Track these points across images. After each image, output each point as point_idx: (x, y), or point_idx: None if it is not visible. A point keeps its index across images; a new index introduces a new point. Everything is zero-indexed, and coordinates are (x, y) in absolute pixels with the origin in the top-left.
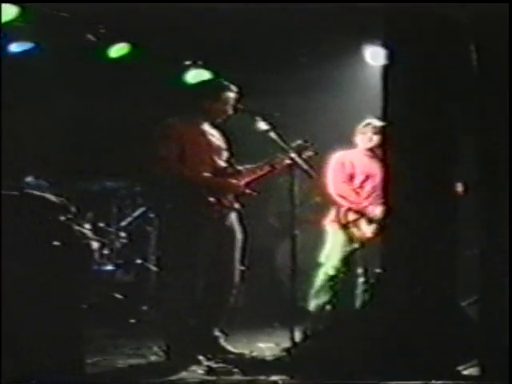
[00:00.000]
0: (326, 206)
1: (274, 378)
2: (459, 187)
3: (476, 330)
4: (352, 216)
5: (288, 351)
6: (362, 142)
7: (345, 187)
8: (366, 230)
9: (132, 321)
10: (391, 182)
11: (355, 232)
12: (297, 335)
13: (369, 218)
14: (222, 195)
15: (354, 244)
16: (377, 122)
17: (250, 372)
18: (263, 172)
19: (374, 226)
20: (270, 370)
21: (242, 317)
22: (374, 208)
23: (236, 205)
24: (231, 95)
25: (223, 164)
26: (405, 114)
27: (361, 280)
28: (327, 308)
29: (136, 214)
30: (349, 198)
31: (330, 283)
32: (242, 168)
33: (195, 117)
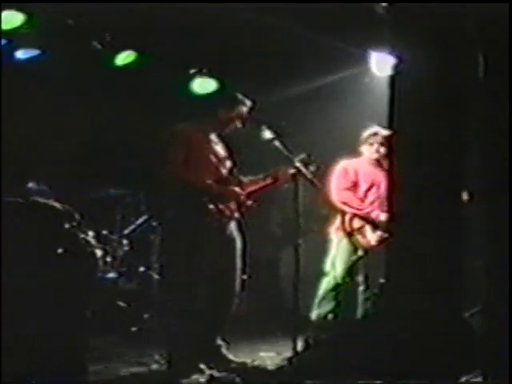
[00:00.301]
0: (331, 215)
1: None
2: (464, 196)
3: (479, 341)
4: (357, 223)
5: (290, 360)
6: (369, 152)
7: (347, 194)
8: (371, 238)
9: (134, 329)
10: (396, 191)
11: (360, 240)
12: (299, 344)
13: (374, 225)
14: (224, 204)
15: (359, 252)
16: (383, 132)
17: (252, 381)
18: (266, 183)
19: (379, 233)
20: (272, 380)
21: (244, 326)
22: (379, 214)
23: (236, 214)
24: (243, 108)
25: (226, 174)
26: (410, 124)
27: (361, 288)
28: (329, 317)
29: (139, 222)
30: (352, 205)
31: (334, 292)
32: (245, 178)
33: (203, 125)
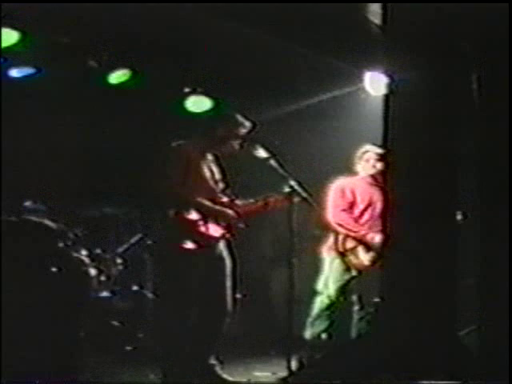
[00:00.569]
0: (324, 234)
1: None
2: (458, 216)
3: (475, 359)
4: (350, 244)
5: (285, 380)
6: (365, 169)
7: (344, 216)
8: (364, 259)
9: (129, 348)
10: (390, 210)
11: (353, 260)
12: (293, 364)
13: (367, 246)
14: (215, 225)
15: (352, 272)
16: (377, 149)
17: None
18: (257, 207)
19: (372, 255)
20: None
21: (239, 345)
22: (373, 236)
23: (227, 235)
24: (243, 130)
25: (219, 194)
26: (404, 142)
27: (356, 308)
28: (323, 336)
29: (133, 241)
30: (347, 226)
31: (327, 312)
32: (238, 201)
33: (199, 144)
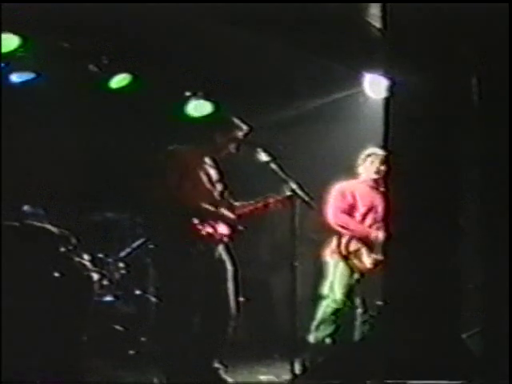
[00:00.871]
0: (326, 237)
1: None
2: (460, 219)
3: (478, 361)
4: (353, 247)
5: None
6: (368, 172)
7: (344, 217)
8: (367, 262)
9: (131, 352)
10: (392, 213)
11: (356, 263)
12: (297, 367)
13: (370, 248)
14: (214, 228)
15: (356, 275)
16: (380, 152)
17: None
18: (256, 208)
19: (375, 257)
20: None
21: (242, 349)
22: (376, 237)
23: (225, 238)
24: (240, 133)
25: (218, 197)
26: (405, 145)
27: (359, 311)
28: (327, 341)
29: (135, 245)
30: (349, 227)
31: (334, 317)
32: (237, 203)
33: (197, 148)
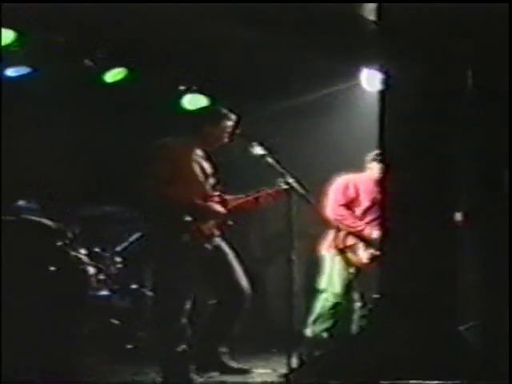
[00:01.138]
0: (323, 231)
1: None
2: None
3: (475, 355)
4: (350, 241)
5: (286, 377)
6: (374, 170)
7: (342, 211)
8: (363, 256)
9: (129, 346)
10: (389, 208)
11: (352, 257)
12: (293, 361)
13: (366, 243)
14: (205, 221)
15: (352, 269)
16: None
17: None
18: (247, 202)
19: (371, 252)
20: None
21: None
22: (373, 233)
23: (217, 232)
24: (229, 123)
25: (210, 190)
26: (401, 139)
27: (358, 305)
28: (325, 335)
29: (132, 239)
30: (345, 222)
31: (332, 311)
32: (229, 197)
33: (190, 140)
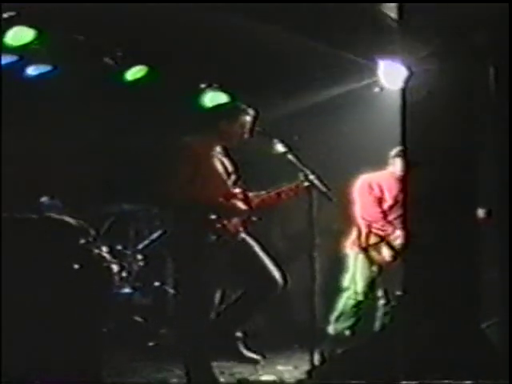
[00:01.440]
0: (346, 229)
1: None
2: (481, 212)
3: (496, 352)
4: (373, 239)
5: (309, 373)
6: (396, 167)
7: (373, 211)
8: (386, 254)
9: (151, 344)
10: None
11: (375, 255)
12: (316, 358)
13: (390, 243)
14: (228, 219)
15: (375, 268)
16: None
17: None
18: (269, 199)
19: (395, 251)
20: None
21: (261, 340)
22: (398, 236)
23: (241, 229)
24: (248, 119)
25: (232, 187)
26: (422, 136)
27: (381, 302)
28: (347, 332)
29: (153, 237)
30: (374, 224)
31: (355, 309)
32: (251, 194)
33: (211, 138)
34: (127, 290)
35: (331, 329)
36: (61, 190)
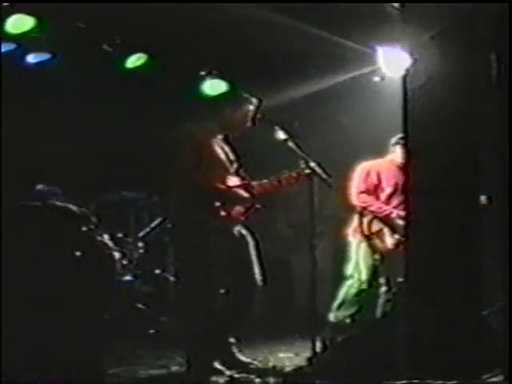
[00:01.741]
0: (347, 217)
1: None
2: (483, 199)
3: (498, 339)
4: (375, 227)
5: (309, 360)
6: (396, 155)
7: (366, 197)
8: (389, 242)
9: (152, 331)
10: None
11: (378, 243)
12: (317, 345)
13: (392, 229)
14: (231, 207)
15: (378, 255)
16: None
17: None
18: (271, 187)
19: (397, 238)
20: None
21: (263, 327)
22: (399, 214)
23: (243, 217)
24: (251, 107)
25: (234, 176)
26: (425, 124)
27: (383, 289)
28: (347, 320)
29: (153, 225)
30: (371, 208)
31: (358, 298)
32: (253, 182)
33: (212, 126)
34: (128, 278)
35: (332, 317)
36: (61, 178)
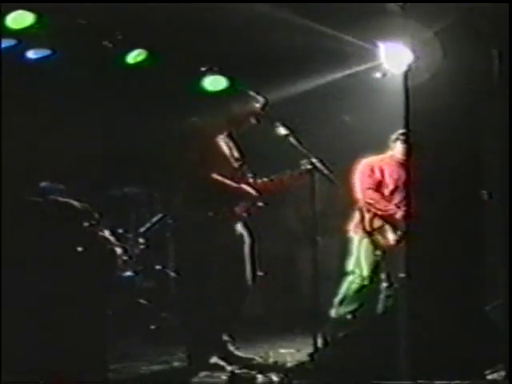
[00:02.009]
0: (349, 213)
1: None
2: (484, 195)
3: (500, 334)
4: (377, 223)
5: (311, 356)
6: (397, 151)
7: (373, 194)
8: (390, 238)
9: (153, 327)
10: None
11: (379, 239)
12: (318, 341)
13: (394, 226)
14: (233, 203)
15: (380, 251)
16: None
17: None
18: (274, 185)
19: (399, 234)
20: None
21: (264, 323)
22: (400, 215)
23: (244, 214)
24: (257, 105)
25: (238, 172)
26: (427, 120)
27: (385, 285)
28: (349, 317)
29: (154, 220)
30: (376, 205)
31: (359, 294)
32: (257, 179)
33: (216, 123)
34: (129, 274)
35: (334, 312)
36: (62, 174)
